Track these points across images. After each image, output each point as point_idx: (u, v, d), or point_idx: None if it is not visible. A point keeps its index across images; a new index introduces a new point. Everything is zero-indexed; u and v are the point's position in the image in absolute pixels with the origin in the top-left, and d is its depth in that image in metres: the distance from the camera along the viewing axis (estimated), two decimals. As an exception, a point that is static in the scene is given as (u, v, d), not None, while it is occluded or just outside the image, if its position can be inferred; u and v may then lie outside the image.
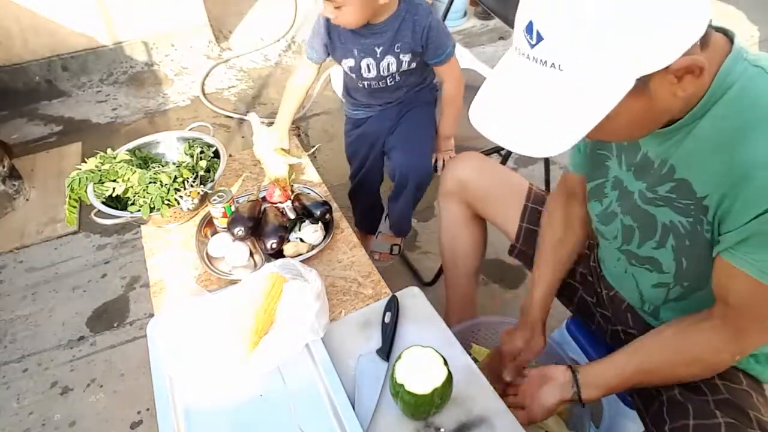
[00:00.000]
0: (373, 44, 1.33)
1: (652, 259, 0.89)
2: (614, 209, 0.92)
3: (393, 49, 1.34)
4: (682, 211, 0.79)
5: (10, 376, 1.68)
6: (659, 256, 0.87)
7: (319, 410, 0.90)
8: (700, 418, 0.85)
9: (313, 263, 1.16)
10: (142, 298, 1.90)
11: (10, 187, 2.26)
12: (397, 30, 1.32)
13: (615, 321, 1.11)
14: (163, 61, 3.25)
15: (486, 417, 0.88)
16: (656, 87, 0.65)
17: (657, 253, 0.87)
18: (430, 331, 1.02)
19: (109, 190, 1.22)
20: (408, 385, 0.82)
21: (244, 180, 1.42)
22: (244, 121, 2.77)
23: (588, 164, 0.98)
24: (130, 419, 1.55)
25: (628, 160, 0.87)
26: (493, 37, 3.36)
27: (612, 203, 0.93)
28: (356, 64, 1.37)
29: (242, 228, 1.15)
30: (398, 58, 1.36)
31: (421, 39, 1.35)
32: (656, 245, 0.86)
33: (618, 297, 1.08)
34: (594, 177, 0.96)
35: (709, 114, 0.72)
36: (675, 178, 0.78)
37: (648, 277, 0.92)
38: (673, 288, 0.89)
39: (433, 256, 1.98)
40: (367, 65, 1.36)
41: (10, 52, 2.90)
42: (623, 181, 0.89)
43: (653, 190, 0.82)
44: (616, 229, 0.93)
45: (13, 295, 1.94)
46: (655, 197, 0.83)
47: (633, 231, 0.89)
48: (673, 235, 0.83)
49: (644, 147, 0.83)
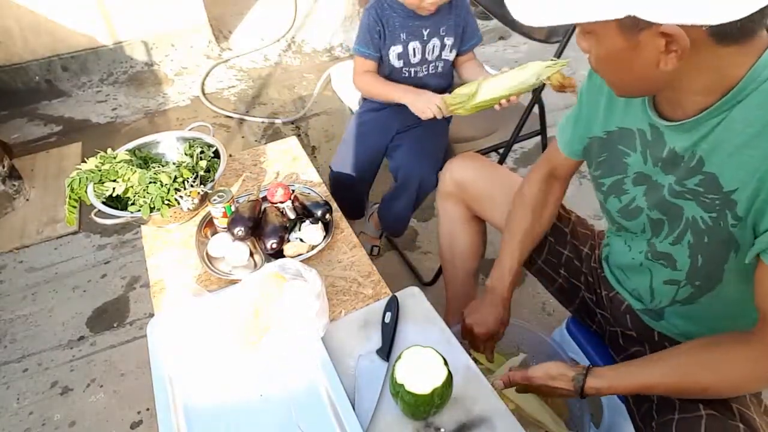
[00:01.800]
0: (421, 27, 1.40)
1: (667, 255, 0.89)
2: (639, 204, 0.91)
3: (439, 32, 1.42)
4: (706, 206, 0.78)
5: (10, 376, 1.68)
6: (674, 252, 0.87)
7: (319, 410, 0.90)
8: (683, 413, 0.86)
9: (313, 263, 1.16)
10: (142, 298, 1.90)
11: (10, 187, 2.26)
12: (442, 13, 1.41)
13: (614, 322, 1.11)
14: (163, 61, 3.25)
15: (486, 417, 0.88)
16: (644, 41, 0.66)
17: (673, 249, 0.87)
18: (430, 331, 1.02)
19: (109, 190, 1.22)
20: (408, 385, 0.82)
21: (244, 180, 1.42)
22: (244, 121, 2.77)
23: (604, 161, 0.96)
24: (130, 419, 1.55)
25: (655, 156, 0.85)
26: (493, 37, 3.36)
27: (636, 198, 0.91)
28: (404, 49, 1.42)
29: (242, 228, 1.15)
30: (442, 41, 1.43)
31: (463, 21, 1.45)
32: (673, 241, 0.86)
33: (617, 298, 1.08)
34: (611, 173, 0.95)
35: (741, 105, 0.70)
36: (703, 171, 0.77)
37: (662, 272, 0.92)
38: (683, 287, 0.89)
39: (433, 256, 1.98)
40: (413, 49, 1.42)
41: (10, 52, 2.90)
42: (651, 176, 0.87)
43: (682, 183, 0.81)
44: (642, 223, 0.92)
45: (13, 295, 1.94)
46: (683, 190, 0.81)
47: (662, 224, 0.88)
48: (691, 231, 0.82)
49: (670, 142, 0.82)
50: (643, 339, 1.05)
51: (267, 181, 1.42)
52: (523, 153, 2.44)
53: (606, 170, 0.96)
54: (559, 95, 1.68)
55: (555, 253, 1.21)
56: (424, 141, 1.58)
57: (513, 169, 2.34)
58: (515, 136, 1.60)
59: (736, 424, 0.83)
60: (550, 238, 1.20)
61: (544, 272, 1.23)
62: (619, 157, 0.92)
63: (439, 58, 1.47)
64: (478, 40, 1.54)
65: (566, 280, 1.20)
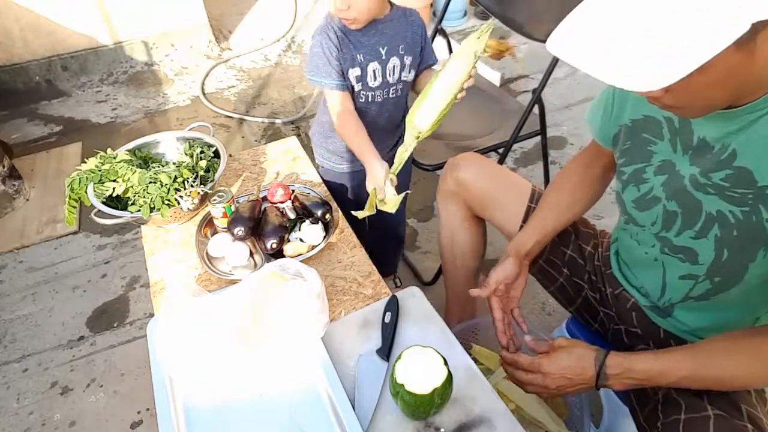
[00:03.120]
0: (376, 45, 1.28)
1: (687, 249, 0.87)
2: (657, 194, 0.90)
3: (398, 50, 1.30)
4: (735, 201, 0.77)
5: (10, 376, 1.68)
6: (697, 246, 0.85)
7: (319, 410, 0.90)
8: (691, 413, 0.86)
9: (313, 263, 1.16)
10: (142, 298, 1.90)
11: (10, 187, 2.26)
12: (397, 29, 1.30)
13: (618, 320, 1.11)
14: (163, 61, 3.25)
15: (486, 417, 0.88)
16: (762, 42, 0.59)
17: (695, 243, 0.85)
18: (430, 331, 1.02)
19: (109, 190, 1.22)
20: (408, 385, 0.82)
21: (244, 180, 1.42)
22: (244, 121, 2.77)
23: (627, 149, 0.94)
24: (130, 419, 1.55)
25: (684, 143, 0.83)
26: (493, 37, 3.36)
27: (654, 188, 0.90)
28: (363, 72, 1.29)
29: (242, 228, 1.15)
30: (402, 60, 1.31)
31: (420, 38, 1.33)
32: (695, 235, 0.84)
33: (623, 296, 1.08)
34: (633, 162, 0.93)
35: None
36: (734, 165, 0.75)
37: (678, 267, 0.91)
38: (701, 282, 0.88)
39: (433, 256, 1.98)
40: (374, 71, 1.30)
41: (10, 52, 2.90)
42: (675, 164, 0.85)
43: (707, 176, 0.80)
44: (655, 214, 0.91)
45: (13, 295, 1.94)
46: (706, 183, 0.80)
47: (675, 217, 0.87)
48: (718, 225, 0.80)
49: (699, 131, 0.80)
50: (647, 336, 1.05)
51: (267, 181, 1.42)
52: (523, 153, 2.44)
53: (629, 158, 0.94)
54: (560, 95, 1.67)
55: (558, 253, 1.20)
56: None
57: (513, 169, 2.34)
58: (515, 135, 1.60)
59: (744, 424, 0.83)
60: (554, 238, 1.20)
61: (546, 272, 1.23)
62: (643, 145, 0.91)
63: (399, 80, 1.33)
64: (434, 62, 1.38)
65: (568, 279, 1.20)
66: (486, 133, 1.72)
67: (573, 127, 2.58)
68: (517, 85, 2.92)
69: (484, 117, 1.81)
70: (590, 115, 1.06)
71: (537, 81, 2.95)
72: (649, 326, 1.03)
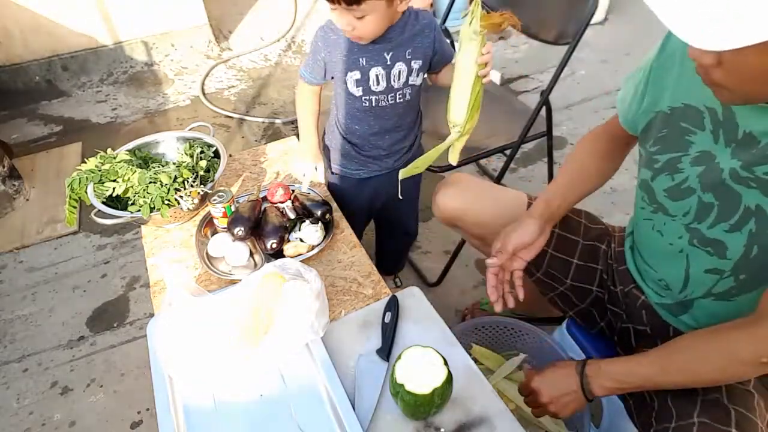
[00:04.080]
0: (382, 50, 1.22)
1: (718, 242, 0.86)
2: (692, 185, 0.87)
3: (404, 55, 1.24)
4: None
5: (10, 376, 1.68)
6: (728, 240, 0.84)
7: (319, 410, 0.90)
8: (679, 421, 0.87)
9: (313, 263, 1.16)
10: (142, 298, 1.90)
11: (10, 187, 2.26)
12: (405, 34, 1.24)
13: (626, 319, 1.10)
14: (163, 61, 3.25)
15: (486, 417, 0.88)
16: None
17: (727, 236, 0.84)
18: (430, 331, 1.02)
19: (109, 190, 1.22)
20: (408, 385, 0.82)
21: (244, 180, 1.42)
22: (244, 121, 2.77)
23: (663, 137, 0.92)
24: (130, 419, 1.55)
25: (728, 135, 0.81)
26: (493, 37, 3.36)
27: (689, 178, 0.88)
28: (364, 76, 1.24)
29: (242, 228, 1.15)
30: (409, 65, 1.26)
31: (433, 41, 1.27)
32: (729, 228, 0.83)
33: (634, 293, 1.06)
34: (668, 150, 0.90)
35: None
36: None
37: (705, 260, 0.89)
38: (726, 278, 0.87)
39: (434, 256, 1.98)
40: (376, 75, 1.24)
41: (10, 52, 2.90)
42: (715, 156, 0.83)
43: (749, 169, 0.78)
44: (689, 205, 0.89)
45: (13, 295, 1.94)
46: (749, 176, 0.78)
47: (711, 209, 0.85)
48: (755, 219, 0.79)
49: (745, 125, 0.78)
50: (656, 335, 1.04)
51: (267, 181, 1.42)
52: (523, 153, 2.44)
53: (663, 146, 0.91)
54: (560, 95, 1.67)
55: (559, 265, 1.18)
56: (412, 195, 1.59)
57: (513, 169, 2.34)
58: (523, 137, 1.60)
59: (729, 429, 0.84)
60: (552, 251, 1.17)
61: (544, 283, 1.22)
62: (681, 135, 0.88)
63: (406, 84, 1.28)
64: (449, 60, 1.33)
65: (572, 288, 1.18)
66: (490, 134, 1.71)
67: (573, 127, 2.58)
68: (516, 85, 2.92)
69: (487, 118, 1.79)
70: (621, 99, 1.04)
71: (537, 81, 2.95)
72: (659, 325, 1.02)
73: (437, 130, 1.74)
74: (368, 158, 1.40)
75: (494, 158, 2.38)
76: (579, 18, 1.41)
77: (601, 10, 3.47)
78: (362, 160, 1.40)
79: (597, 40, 3.24)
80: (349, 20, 1.13)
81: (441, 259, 1.91)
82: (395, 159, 1.41)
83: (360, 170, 1.43)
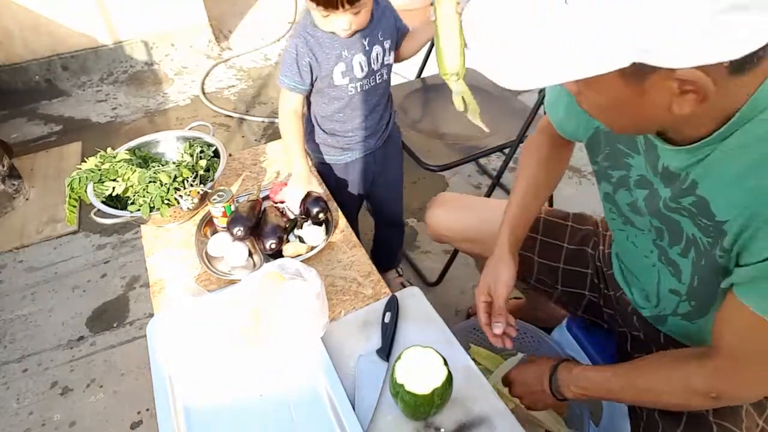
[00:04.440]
0: (360, 38, 1.29)
1: (675, 264, 0.84)
2: (641, 207, 0.86)
3: (378, 37, 1.31)
4: (702, 230, 0.74)
5: (10, 376, 1.68)
6: (682, 264, 0.82)
7: (319, 410, 0.90)
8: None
9: (313, 263, 1.15)
10: (142, 298, 1.90)
11: (10, 187, 2.26)
12: (374, 19, 1.30)
13: (622, 323, 1.10)
14: (163, 60, 3.25)
15: (486, 417, 0.88)
16: (653, 86, 0.57)
17: (681, 260, 0.82)
18: (430, 331, 1.01)
19: (109, 189, 1.22)
20: (408, 385, 0.82)
21: (244, 180, 1.42)
22: (244, 121, 2.77)
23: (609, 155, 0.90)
24: (130, 419, 1.55)
25: (653, 166, 0.79)
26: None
27: (639, 201, 0.86)
28: (348, 66, 1.29)
29: (241, 228, 1.15)
30: (383, 46, 1.33)
31: (393, 18, 1.35)
32: (680, 251, 0.81)
33: (623, 299, 1.06)
34: (616, 167, 0.89)
35: (738, 133, 0.64)
36: (697, 194, 0.72)
37: (669, 280, 0.88)
38: (683, 301, 0.87)
39: (434, 256, 1.98)
40: (359, 62, 1.31)
41: (10, 52, 2.90)
42: (653, 183, 0.81)
43: (677, 200, 0.76)
44: (648, 222, 0.86)
45: (13, 295, 1.94)
46: (679, 207, 0.76)
47: (662, 232, 0.84)
48: (694, 248, 0.77)
49: (664, 159, 0.76)
50: (650, 341, 1.04)
51: (267, 180, 1.42)
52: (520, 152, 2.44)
53: (612, 164, 0.90)
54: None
55: (547, 272, 1.19)
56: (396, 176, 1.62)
57: (512, 168, 2.34)
58: (522, 135, 1.60)
59: None
60: (538, 259, 1.18)
61: (538, 290, 1.23)
62: (621, 156, 0.86)
63: (383, 65, 1.36)
64: (407, 29, 1.41)
65: (564, 293, 1.19)
66: (489, 134, 1.71)
67: (573, 127, 2.58)
68: (517, 85, 2.92)
69: (486, 117, 1.80)
70: (550, 104, 1.03)
71: (537, 81, 2.95)
72: (651, 331, 1.02)
73: (437, 130, 1.75)
74: (351, 143, 1.45)
75: (494, 157, 2.38)
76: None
77: (601, 10, 3.47)
78: (346, 146, 1.45)
79: (597, 39, 3.24)
80: (348, 19, 1.18)
81: (441, 258, 1.91)
82: (376, 139, 1.47)
83: (345, 155, 1.48)
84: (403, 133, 1.69)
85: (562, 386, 0.95)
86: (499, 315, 1.02)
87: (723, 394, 0.76)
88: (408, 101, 1.88)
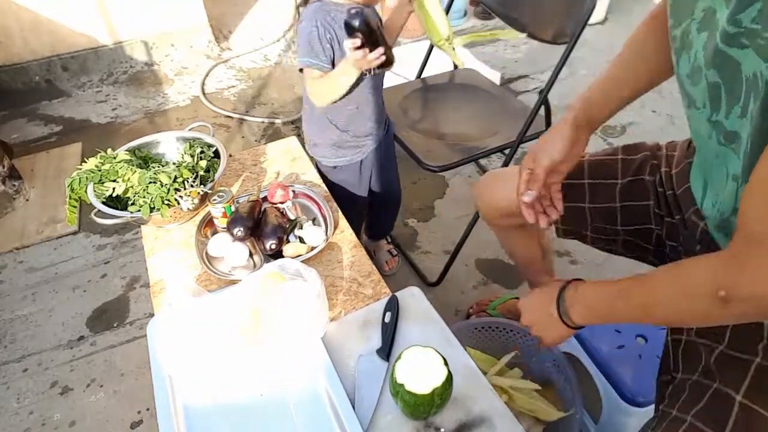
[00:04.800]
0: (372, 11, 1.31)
1: (735, 135, 0.67)
2: (699, 63, 0.69)
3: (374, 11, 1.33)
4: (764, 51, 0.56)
5: (10, 376, 1.68)
6: (741, 129, 0.65)
7: (319, 410, 0.90)
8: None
9: (313, 263, 1.16)
10: (142, 298, 1.90)
11: (10, 187, 2.26)
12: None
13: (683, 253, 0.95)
14: (163, 61, 3.26)
15: (486, 417, 0.88)
16: None
17: (740, 124, 0.65)
18: (430, 331, 1.02)
19: (109, 190, 1.22)
20: (408, 385, 0.82)
21: (244, 180, 1.42)
22: (244, 121, 2.77)
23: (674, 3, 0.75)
24: (130, 419, 1.55)
25: None
26: (493, 38, 3.36)
27: (697, 53, 0.69)
28: None
29: (241, 228, 1.15)
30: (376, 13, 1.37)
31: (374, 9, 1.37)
32: (741, 112, 0.63)
33: (692, 220, 0.90)
34: (680, 18, 0.73)
35: None
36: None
37: (732, 161, 0.70)
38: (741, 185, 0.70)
39: (434, 256, 1.98)
40: None
41: (10, 52, 2.90)
42: (716, 11, 0.64)
43: (735, 19, 0.58)
44: (703, 89, 0.70)
45: (13, 295, 1.94)
46: (738, 31, 0.59)
47: (719, 90, 0.66)
48: (753, 95, 0.59)
49: None
50: None
51: (267, 181, 1.42)
52: (522, 152, 2.43)
53: (676, 17, 0.75)
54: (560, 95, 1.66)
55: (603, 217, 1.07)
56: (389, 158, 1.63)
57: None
58: (521, 136, 1.60)
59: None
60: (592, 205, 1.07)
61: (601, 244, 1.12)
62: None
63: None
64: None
65: (628, 233, 1.06)
66: (489, 134, 1.71)
67: (573, 127, 2.58)
68: (516, 85, 2.93)
69: (486, 117, 1.81)
70: None
71: (537, 81, 2.95)
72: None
73: (437, 130, 1.75)
74: (363, 137, 1.47)
75: (494, 157, 2.39)
76: (577, 17, 1.41)
77: (600, 10, 3.47)
78: (358, 142, 1.47)
79: (597, 39, 3.24)
80: None
81: (441, 259, 1.91)
82: (383, 127, 1.51)
83: (357, 154, 1.49)
84: (403, 134, 1.69)
85: (570, 307, 0.87)
86: (534, 183, 0.93)
87: (732, 290, 0.62)
88: (408, 101, 1.88)
